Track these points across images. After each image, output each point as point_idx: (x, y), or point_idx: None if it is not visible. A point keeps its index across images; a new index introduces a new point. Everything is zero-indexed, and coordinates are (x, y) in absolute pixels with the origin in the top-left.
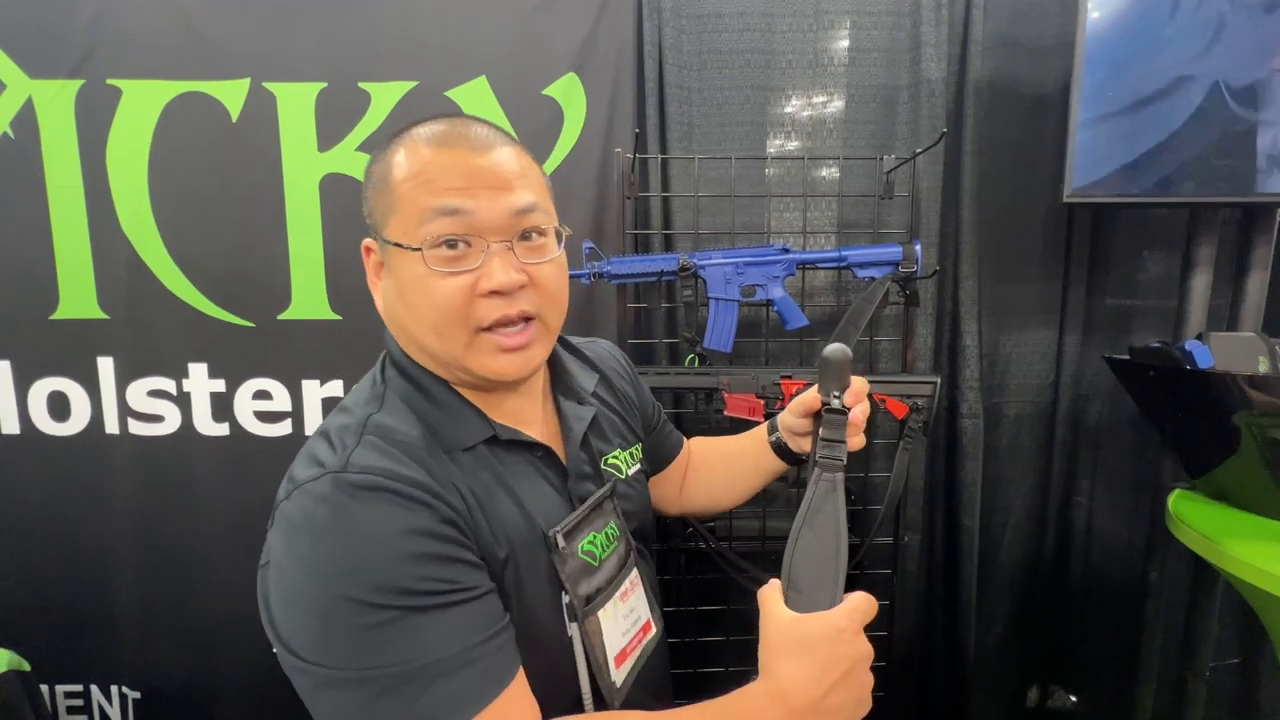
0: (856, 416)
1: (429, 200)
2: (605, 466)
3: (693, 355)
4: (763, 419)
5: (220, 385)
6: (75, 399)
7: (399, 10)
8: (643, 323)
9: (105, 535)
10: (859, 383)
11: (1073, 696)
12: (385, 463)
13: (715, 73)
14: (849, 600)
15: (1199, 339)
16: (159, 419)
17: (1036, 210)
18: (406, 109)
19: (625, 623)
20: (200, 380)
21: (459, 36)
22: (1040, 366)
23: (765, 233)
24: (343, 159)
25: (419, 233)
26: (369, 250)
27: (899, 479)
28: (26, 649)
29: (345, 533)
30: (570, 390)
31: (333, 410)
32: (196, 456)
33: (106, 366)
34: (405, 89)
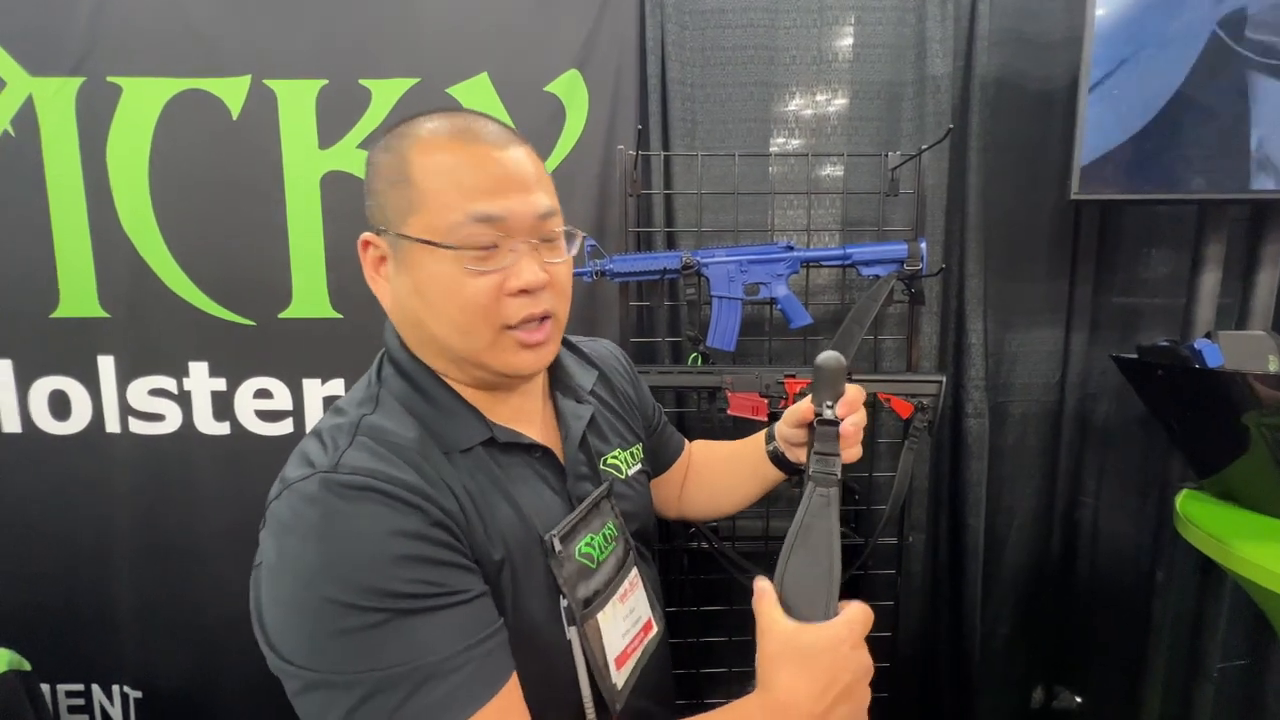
0: (847, 429)
1: (466, 202)
2: (604, 467)
3: (696, 354)
4: (766, 418)
5: (221, 384)
6: (76, 398)
7: (400, 6)
8: (645, 321)
9: (106, 534)
10: (854, 392)
11: (1078, 697)
12: (376, 464)
13: (718, 69)
14: (847, 611)
15: (1208, 337)
16: (160, 418)
17: (1043, 207)
18: (408, 106)
19: (625, 624)
20: (201, 379)
21: (460, 33)
22: (1046, 365)
23: (769, 230)
24: (344, 156)
25: (454, 233)
26: (368, 244)
27: (904, 479)
28: (27, 648)
29: (333, 534)
30: (568, 389)
31: (328, 410)
32: (197, 455)
33: (107, 365)
34: (406, 86)
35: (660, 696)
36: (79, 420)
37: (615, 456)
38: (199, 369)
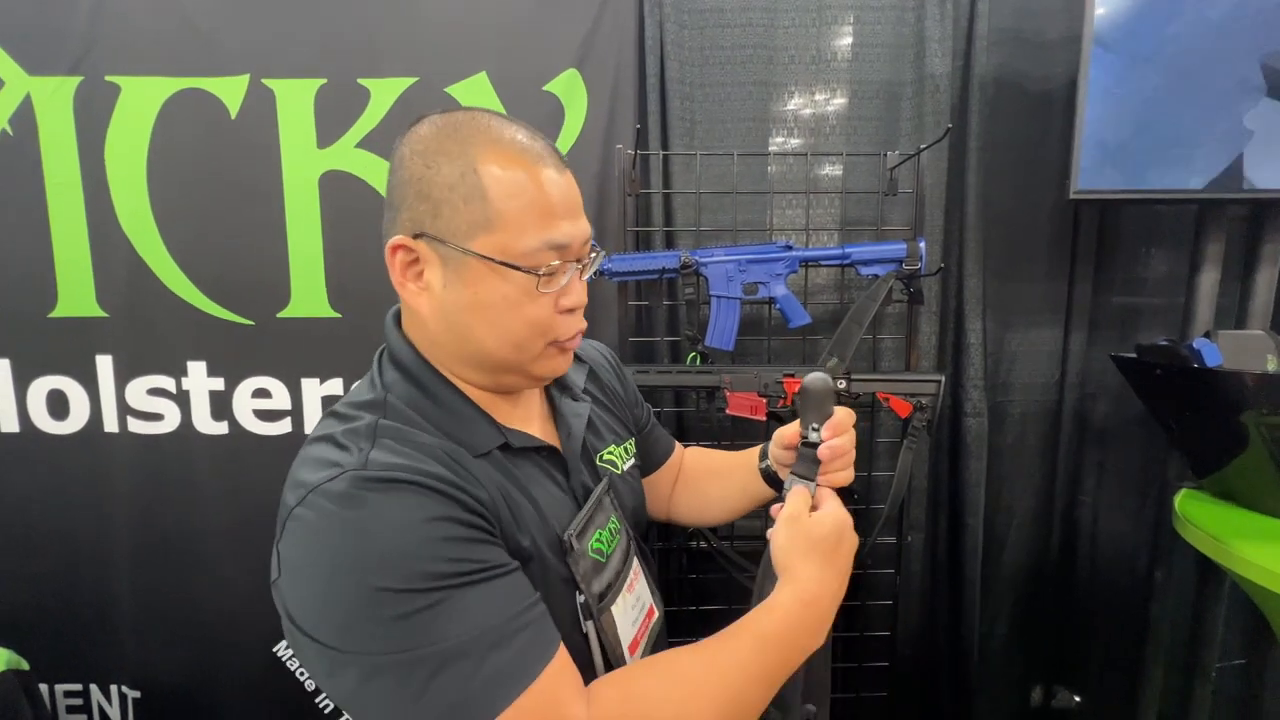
0: (823, 452)
1: (542, 229)
2: (601, 462)
3: (694, 353)
4: (765, 418)
5: (219, 384)
6: (74, 397)
7: (399, 6)
8: (644, 321)
9: (104, 534)
10: (841, 414)
11: (1077, 696)
12: (406, 460)
13: (717, 68)
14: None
15: (1207, 337)
16: (158, 417)
17: (1042, 207)
18: (406, 105)
19: (634, 612)
20: (199, 378)
21: (459, 32)
22: (1045, 365)
23: (768, 230)
24: (342, 156)
25: (530, 257)
26: (400, 248)
27: (902, 478)
28: (25, 648)
29: (377, 525)
30: (564, 386)
31: (325, 415)
32: (195, 455)
33: (105, 365)
34: (405, 85)
35: None
36: (77, 420)
37: (611, 452)
38: (197, 368)
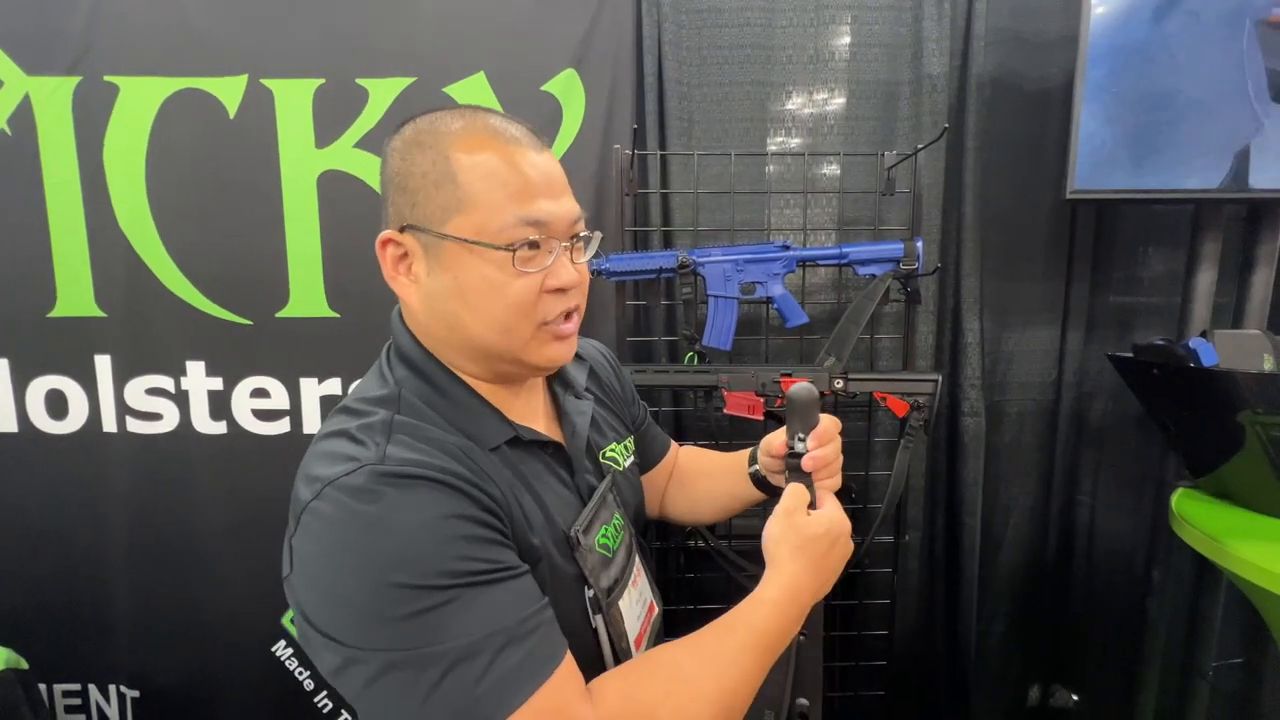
0: (807, 463)
1: (514, 205)
2: (603, 459)
3: (692, 353)
4: (762, 417)
5: (218, 383)
6: (73, 397)
7: (397, 6)
8: (642, 320)
9: (103, 533)
10: (827, 423)
11: (1074, 695)
12: (422, 456)
13: (715, 68)
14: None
15: (1203, 336)
16: (157, 417)
17: (1039, 206)
18: (405, 105)
19: (637, 607)
20: (198, 378)
21: (457, 32)
22: (1043, 364)
23: (765, 230)
24: (341, 156)
25: (503, 234)
26: (388, 243)
27: (900, 477)
28: (24, 647)
29: (394, 521)
30: (567, 384)
31: (336, 410)
32: (194, 455)
33: (104, 364)
34: (403, 85)
35: None
36: (76, 420)
37: (612, 450)
38: (196, 368)
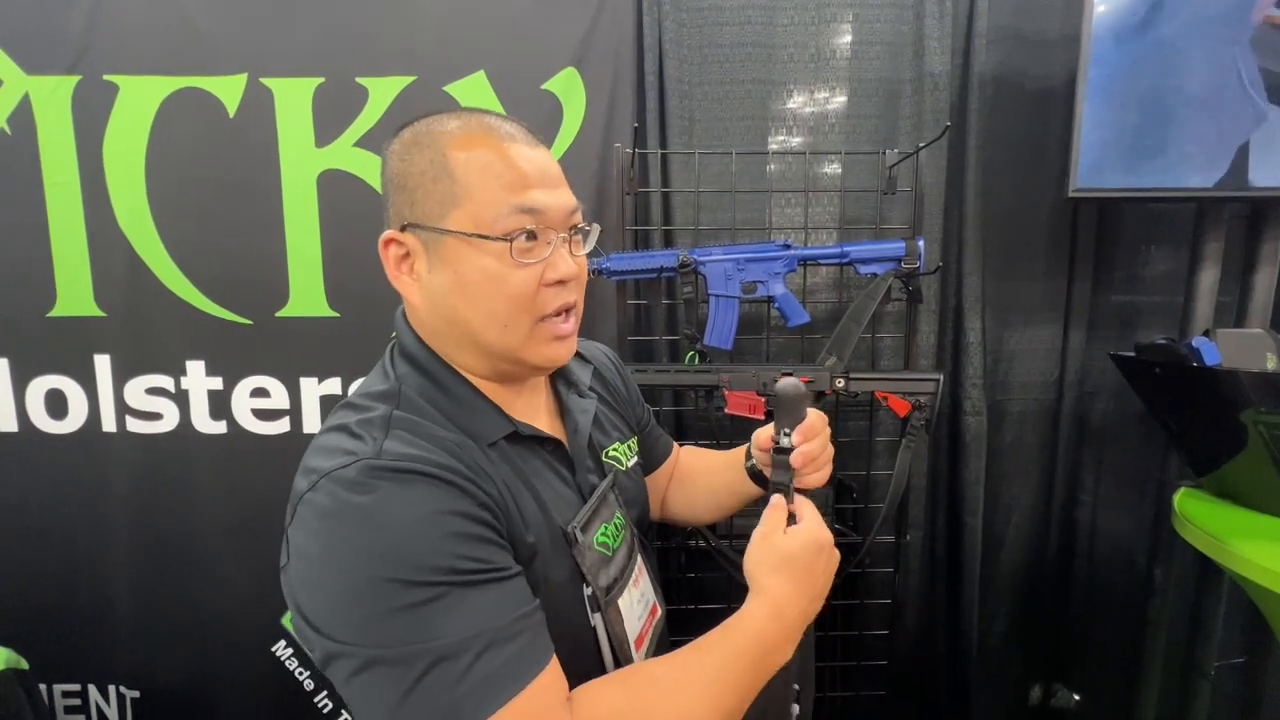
0: (795, 459)
1: (509, 196)
2: (606, 459)
3: (693, 352)
4: (763, 416)
5: (218, 383)
6: (73, 397)
7: (397, 4)
8: (643, 320)
9: (103, 533)
10: (814, 418)
11: (1076, 695)
12: (419, 451)
13: (716, 67)
14: (805, 514)
15: (1206, 335)
16: (157, 417)
17: (1041, 205)
18: (404, 104)
19: (639, 607)
20: (198, 378)
21: (457, 31)
22: (1044, 363)
23: (766, 229)
24: (341, 155)
25: (499, 225)
26: (390, 242)
27: (901, 477)
28: (24, 647)
29: (387, 515)
30: (570, 383)
31: (339, 406)
32: (194, 454)
33: (104, 364)
34: (403, 84)
35: None
36: (75, 419)
37: (615, 449)
38: (196, 368)
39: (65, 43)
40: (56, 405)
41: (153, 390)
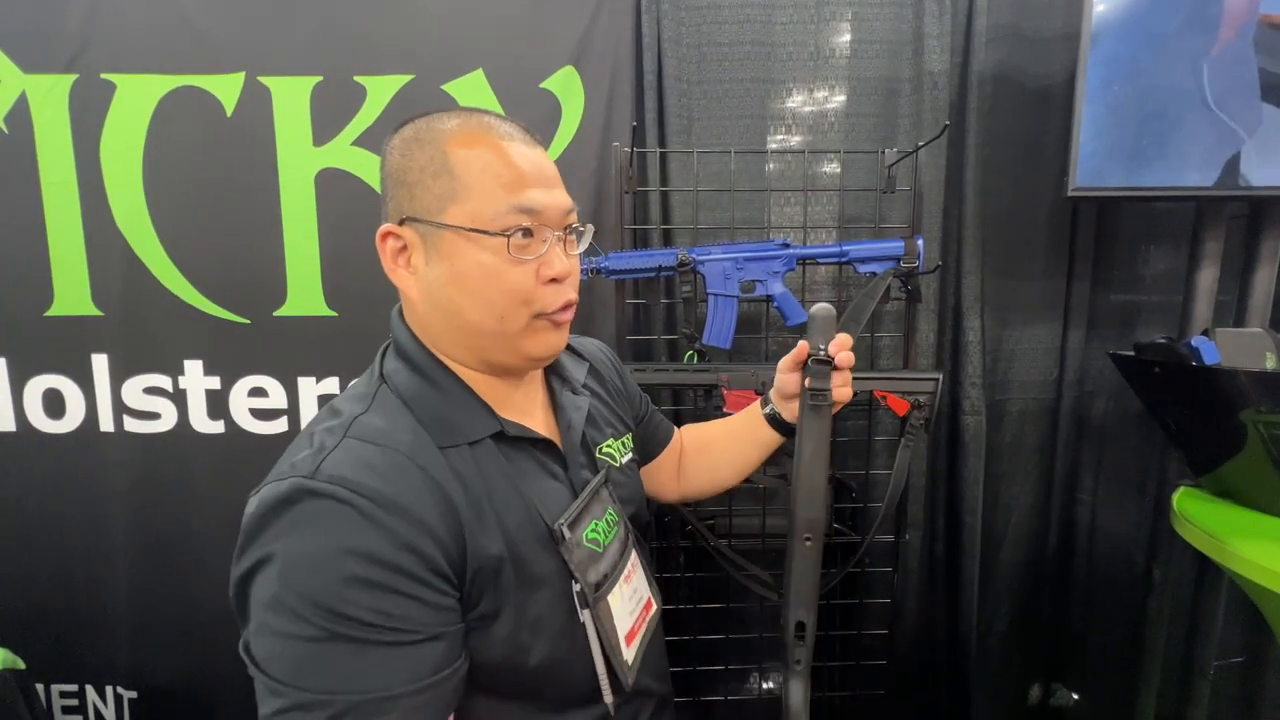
0: (842, 359)
1: (508, 193)
2: (600, 455)
3: (692, 351)
4: None
5: (216, 382)
6: (70, 396)
7: (395, 3)
8: (641, 319)
9: (100, 533)
10: (843, 335)
11: (1075, 694)
12: (358, 475)
13: (715, 66)
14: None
15: (1205, 335)
16: (154, 416)
17: (1041, 204)
18: (403, 103)
19: (630, 603)
20: (196, 377)
21: (455, 29)
22: (1044, 363)
23: (765, 228)
24: (339, 154)
25: (497, 221)
26: (388, 236)
27: (900, 476)
28: (21, 647)
29: (293, 538)
30: (564, 380)
31: (323, 409)
32: (192, 454)
33: (101, 364)
34: (401, 82)
35: (660, 675)
36: (73, 419)
37: (609, 445)
38: (194, 367)
39: (62, 41)
40: (54, 405)
41: (150, 390)
